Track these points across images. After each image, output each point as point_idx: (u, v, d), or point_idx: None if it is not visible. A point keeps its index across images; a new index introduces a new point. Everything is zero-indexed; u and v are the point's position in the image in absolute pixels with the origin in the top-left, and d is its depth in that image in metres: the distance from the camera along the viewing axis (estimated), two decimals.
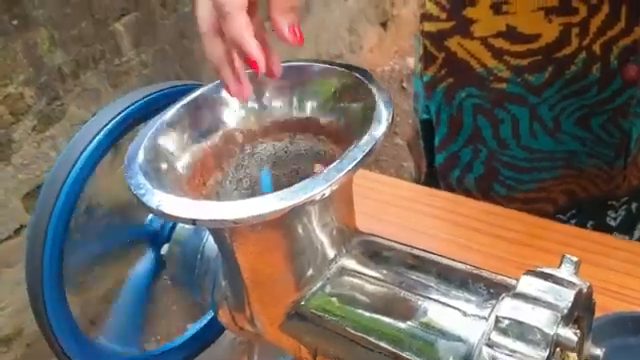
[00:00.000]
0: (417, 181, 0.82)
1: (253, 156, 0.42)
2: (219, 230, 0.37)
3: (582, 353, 0.37)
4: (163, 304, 0.53)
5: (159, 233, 0.48)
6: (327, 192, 0.31)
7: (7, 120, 1.32)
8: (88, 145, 0.42)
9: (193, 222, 0.32)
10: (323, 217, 0.37)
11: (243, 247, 0.36)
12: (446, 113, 0.68)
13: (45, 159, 1.39)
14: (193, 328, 0.53)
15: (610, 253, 0.58)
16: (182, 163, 0.39)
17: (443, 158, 0.71)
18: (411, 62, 2.59)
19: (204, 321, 0.53)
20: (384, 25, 2.63)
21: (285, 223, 0.35)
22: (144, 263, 0.48)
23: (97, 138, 0.42)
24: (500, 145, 0.67)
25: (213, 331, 0.53)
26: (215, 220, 0.32)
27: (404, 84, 2.50)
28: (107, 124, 0.43)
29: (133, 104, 0.44)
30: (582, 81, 0.62)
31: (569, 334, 0.31)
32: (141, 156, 0.36)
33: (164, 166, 0.37)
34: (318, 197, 0.31)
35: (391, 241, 0.40)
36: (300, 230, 0.36)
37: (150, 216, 0.48)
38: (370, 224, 0.42)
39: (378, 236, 0.41)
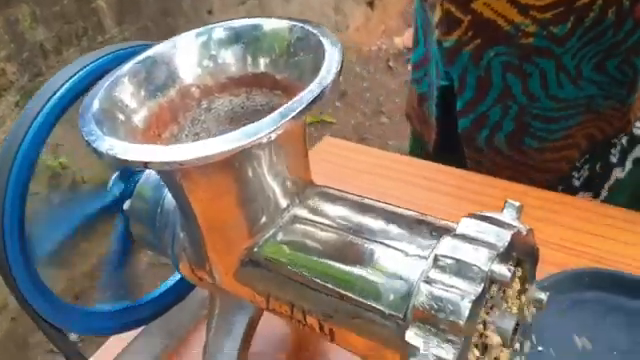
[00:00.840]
0: (416, 153, 0.83)
1: (210, 111, 0.43)
2: (172, 176, 0.37)
3: (526, 296, 0.39)
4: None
5: (123, 198, 0.48)
6: (273, 136, 0.32)
7: None
8: (47, 102, 0.42)
9: (145, 165, 0.33)
10: (274, 165, 0.38)
11: (195, 193, 0.37)
12: (473, 75, 0.69)
13: None
14: (163, 285, 0.54)
15: (568, 212, 0.59)
16: (137, 116, 0.39)
17: (469, 121, 0.72)
18: (398, 41, 2.59)
19: (175, 279, 0.54)
20: (371, 5, 2.63)
21: (235, 167, 0.36)
22: (116, 230, 0.49)
23: (57, 95, 0.43)
24: (530, 99, 0.69)
25: (183, 288, 0.54)
26: (166, 162, 0.32)
27: (390, 63, 2.50)
28: (67, 80, 0.43)
29: (96, 60, 0.45)
30: (599, 26, 0.64)
31: (503, 270, 0.32)
32: (95, 106, 0.37)
33: (119, 117, 0.38)
34: (265, 140, 0.32)
35: (343, 192, 0.41)
36: (250, 175, 0.36)
37: (111, 181, 0.48)
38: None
39: (332, 188, 0.42)
